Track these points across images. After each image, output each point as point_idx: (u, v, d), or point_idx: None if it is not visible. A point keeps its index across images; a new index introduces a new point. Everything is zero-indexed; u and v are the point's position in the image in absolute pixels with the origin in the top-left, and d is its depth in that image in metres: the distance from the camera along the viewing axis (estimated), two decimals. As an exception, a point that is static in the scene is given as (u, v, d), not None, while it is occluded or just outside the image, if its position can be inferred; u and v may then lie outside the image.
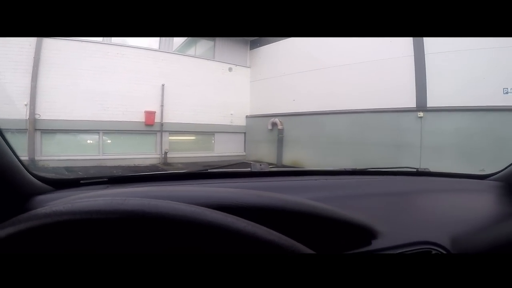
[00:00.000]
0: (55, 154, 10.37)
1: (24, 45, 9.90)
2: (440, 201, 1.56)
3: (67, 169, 9.48)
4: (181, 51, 14.69)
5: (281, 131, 13.90)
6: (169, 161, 12.71)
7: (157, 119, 12.86)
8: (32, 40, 10.18)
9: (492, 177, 1.91)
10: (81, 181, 1.30)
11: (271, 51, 15.09)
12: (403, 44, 10.53)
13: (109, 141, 11.86)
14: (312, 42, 12.88)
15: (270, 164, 12.25)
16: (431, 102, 10.22)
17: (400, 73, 10.70)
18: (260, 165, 1.63)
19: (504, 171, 1.84)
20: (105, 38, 11.94)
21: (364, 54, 11.41)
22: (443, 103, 9.83)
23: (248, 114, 15.74)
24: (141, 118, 12.49)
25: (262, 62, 15.55)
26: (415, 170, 1.94)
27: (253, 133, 15.37)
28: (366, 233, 1.06)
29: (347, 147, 11.31)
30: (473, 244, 1.17)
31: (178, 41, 14.32)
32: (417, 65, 10.44)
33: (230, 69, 15.05)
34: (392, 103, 10.71)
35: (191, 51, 15.06)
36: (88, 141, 11.56)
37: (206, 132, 14.44)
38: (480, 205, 1.59)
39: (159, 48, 13.42)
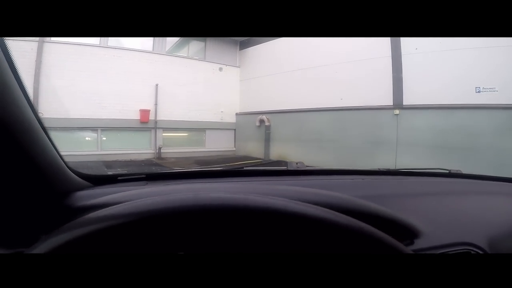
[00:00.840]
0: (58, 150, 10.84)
1: (26, 48, 10.31)
2: (474, 203, 1.53)
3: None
4: (173, 51, 15.16)
5: (268, 128, 14.40)
6: (163, 156, 13.18)
7: (151, 117, 13.37)
8: (33, 44, 10.67)
9: None
10: (119, 178, 1.34)
11: (259, 52, 15.46)
12: (382, 45, 10.91)
13: (106, 138, 12.35)
14: (297, 43, 13.31)
15: (258, 158, 12.95)
16: (407, 101, 10.60)
17: (379, 72, 11.05)
18: (297, 163, 1.63)
19: None
20: (102, 41, 12.40)
21: (345, 55, 11.77)
22: (419, 101, 10.25)
23: (238, 111, 16.17)
24: (136, 116, 13.03)
25: (251, 62, 15.92)
26: (447, 171, 1.95)
27: (243, 130, 15.81)
28: (409, 233, 1.09)
29: (329, 143, 11.77)
30: (509, 246, 1.21)
31: (170, 41, 14.72)
32: (394, 65, 10.80)
33: (220, 69, 15.48)
34: (371, 101, 11.14)
35: (184, 51, 15.51)
36: (87, 138, 12.05)
37: (198, 129, 14.92)
38: None
39: (153, 50, 13.85)
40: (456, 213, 1.36)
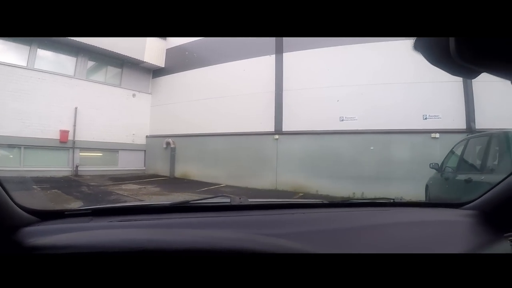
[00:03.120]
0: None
1: None
2: (414, 232, 1.51)
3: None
4: (92, 73, 15.95)
5: (173, 149, 16.00)
6: (79, 173, 14.09)
7: (70, 137, 14.13)
8: None
9: (467, 206, 1.86)
10: (66, 212, 1.36)
11: (169, 81, 17.09)
12: (267, 82, 13.24)
13: (27, 156, 12.74)
14: (203, 76, 15.28)
15: (164, 176, 14.75)
16: (285, 127, 12.90)
17: (264, 105, 13.30)
18: (240, 198, 1.64)
19: (479, 199, 1.81)
20: (29, 63, 13.04)
21: (236, 89, 14.01)
22: (294, 128, 12.54)
23: (148, 134, 17.44)
24: (57, 136, 13.73)
25: (162, 90, 17.46)
26: (391, 200, 1.93)
27: (152, 151, 17.12)
28: None
29: (224, 162, 13.70)
30: None
31: (90, 65, 15.55)
32: (276, 99, 13.11)
33: (133, 95, 16.73)
34: (257, 127, 13.33)
35: (101, 74, 16.37)
36: (10, 156, 12.43)
37: (111, 150, 15.83)
38: (455, 235, 1.56)
39: (74, 75, 14.68)
40: (394, 244, 1.37)
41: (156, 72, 17.76)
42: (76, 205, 8.47)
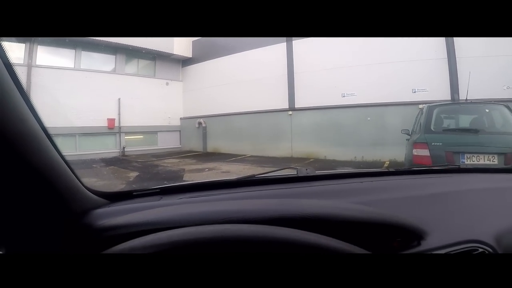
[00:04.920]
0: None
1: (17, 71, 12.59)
2: (484, 198, 1.44)
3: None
4: (129, 68, 17.61)
5: (204, 128, 17.69)
6: (126, 154, 15.91)
7: (116, 124, 15.95)
8: (23, 68, 12.71)
9: None
10: (134, 193, 1.32)
11: (197, 69, 18.63)
12: (280, 67, 14.93)
13: (82, 141, 14.41)
14: (223, 64, 17.04)
15: (197, 152, 17.28)
16: (298, 104, 14.59)
17: (278, 86, 15.02)
18: (306, 169, 1.55)
19: None
20: (76, 65, 14.78)
21: (254, 73, 15.69)
22: (305, 104, 14.17)
23: (182, 116, 19.08)
24: (105, 123, 15.56)
25: (191, 77, 19.07)
26: (457, 167, 1.86)
27: (186, 130, 18.78)
28: (415, 234, 1.06)
29: (247, 136, 15.52)
30: None
31: (127, 61, 17.23)
32: (289, 81, 14.84)
33: (167, 83, 18.41)
34: (273, 106, 15.08)
35: (138, 69, 18.08)
36: (67, 143, 13.84)
37: (151, 132, 17.51)
38: None
39: (114, 71, 16.56)
40: (466, 211, 1.31)
41: (185, 62, 19.29)
42: (133, 175, 10.38)
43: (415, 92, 11.58)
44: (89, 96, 14.35)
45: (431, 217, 1.19)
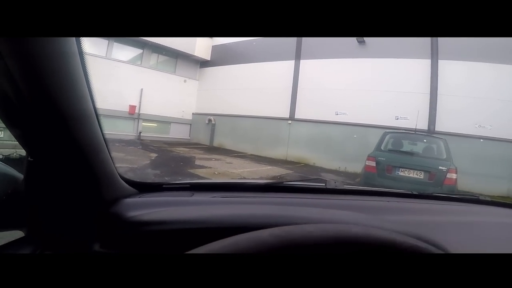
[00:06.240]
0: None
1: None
2: (502, 231, 1.36)
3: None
4: (154, 63, 18.73)
5: (213, 125, 18.77)
6: (141, 138, 17.03)
7: (136, 111, 17.17)
8: None
9: None
10: (164, 186, 1.32)
11: (213, 72, 19.78)
12: (286, 80, 16.00)
13: (105, 123, 15.53)
14: (236, 70, 18.15)
15: (204, 145, 19.00)
16: (297, 115, 15.71)
17: (282, 97, 16.08)
18: (335, 182, 1.54)
19: None
20: (107, 54, 16.05)
21: (262, 83, 16.75)
22: (303, 116, 15.37)
23: (194, 112, 20.19)
24: (126, 109, 16.77)
25: (207, 78, 20.24)
26: (476, 197, 1.79)
27: (196, 124, 19.91)
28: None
29: (250, 137, 16.62)
30: None
31: (152, 56, 18.59)
32: (292, 94, 16.04)
33: (185, 81, 19.77)
34: (276, 114, 16.20)
35: (161, 64, 19.12)
36: None
37: (165, 122, 18.79)
38: None
39: (141, 64, 17.87)
40: (483, 242, 1.24)
41: (203, 63, 20.43)
42: (153, 155, 11.64)
43: (397, 119, 12.83)
44: (115, 83, 14.97)
45: (454, 243, 1.07)
